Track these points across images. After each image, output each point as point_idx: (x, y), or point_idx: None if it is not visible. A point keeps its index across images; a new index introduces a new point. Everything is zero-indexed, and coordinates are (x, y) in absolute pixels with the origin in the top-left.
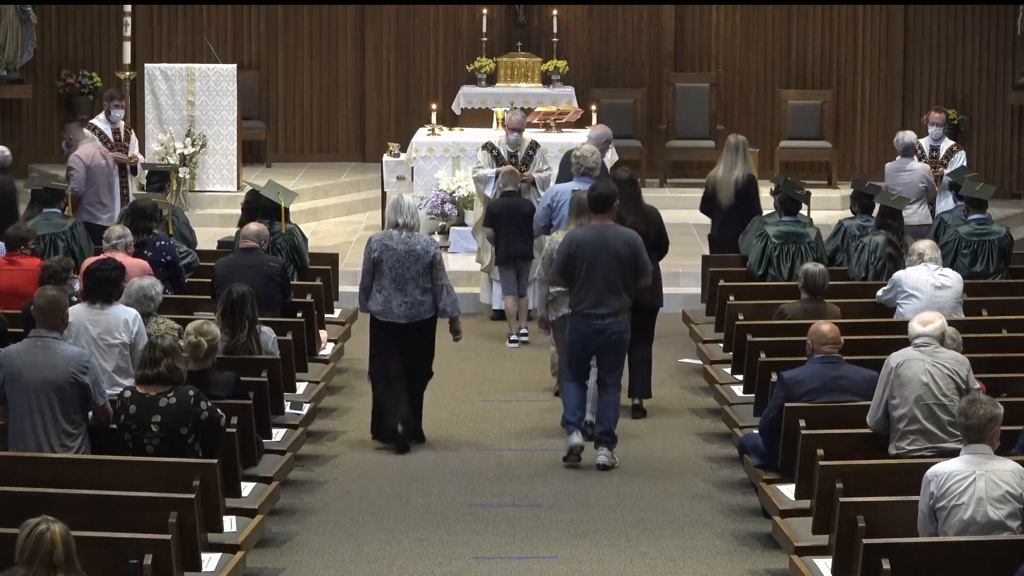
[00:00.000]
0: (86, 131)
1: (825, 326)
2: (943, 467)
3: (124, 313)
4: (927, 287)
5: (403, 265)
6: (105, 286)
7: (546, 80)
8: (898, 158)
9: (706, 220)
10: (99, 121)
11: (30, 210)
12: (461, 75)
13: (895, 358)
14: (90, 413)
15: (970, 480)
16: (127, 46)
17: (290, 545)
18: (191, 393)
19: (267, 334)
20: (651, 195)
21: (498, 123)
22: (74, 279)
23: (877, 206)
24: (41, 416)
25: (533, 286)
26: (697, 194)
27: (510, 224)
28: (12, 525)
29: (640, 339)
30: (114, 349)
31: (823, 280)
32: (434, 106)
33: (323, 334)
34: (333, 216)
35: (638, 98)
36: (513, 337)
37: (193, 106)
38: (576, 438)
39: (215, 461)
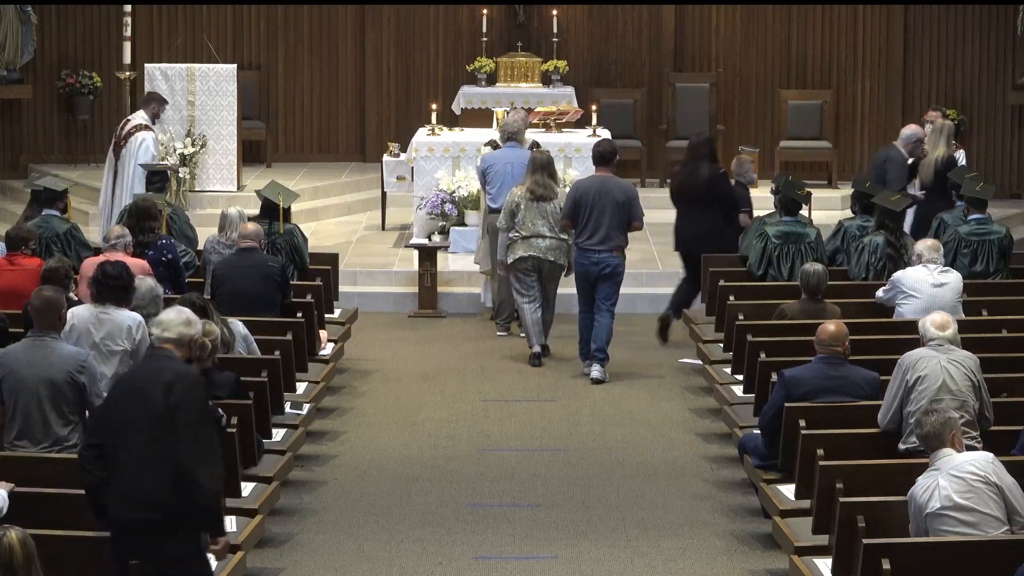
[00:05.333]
0: None
1: (832, 326)
2: (915, 486)
3: (129, 320)
4: (926, 287)
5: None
6: (127, 291)
7: (546, 80)
8: None
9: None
10: (141, 118)
11: (30, 209)
12: (461, 75)
13: (911, 356)
14: (88, 413)
15: (933, 487)
16: (127, 46)
17: (290, 545)
18: None
19: (236, 324)
20: (651, 195)
21: (498, 123)
22: (73, 280)
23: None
24: (37, 415)
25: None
26: None
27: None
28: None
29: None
30: (115, 356)
31: (817, 280)
32: (434, 106)
33: (323, 334)
34: (333, 216)
35: (638, 98)
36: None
37: (193, 106)
38: (586, 369)
39: None
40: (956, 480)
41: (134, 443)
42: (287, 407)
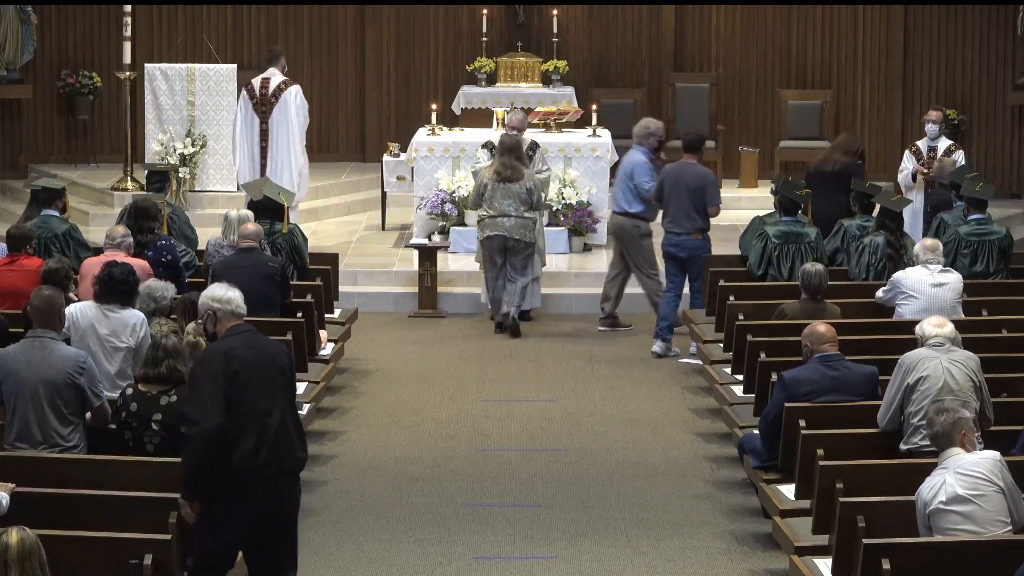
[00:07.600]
0: None
1: (821, 326)
2: (923, 485)
3: (133, 317)
4: (925, 287)
5: None
6: (132, 295)
7: (546, 80)
8: None
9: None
10: (281, 75)
11: (30, 209)
12: (461, 75)
13: (911, 357)
14: (88, 414)
15: (940, 484)
16: (127, 46)
17: None
18: None
19: None
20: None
21: (498, 123)
22: (73, 280)
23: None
24: (37, 416)
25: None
26: None
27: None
28: (12, 525)
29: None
30: (119, 352)
31: (819, 280)
32: (434, 106)
33: (323, 334)
34: (333, 216)
35: (638, 98)
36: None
37: (193, 106)
38: (656, 347)
39: None
40: (963, 478)
41: (278, 407)
42: None
